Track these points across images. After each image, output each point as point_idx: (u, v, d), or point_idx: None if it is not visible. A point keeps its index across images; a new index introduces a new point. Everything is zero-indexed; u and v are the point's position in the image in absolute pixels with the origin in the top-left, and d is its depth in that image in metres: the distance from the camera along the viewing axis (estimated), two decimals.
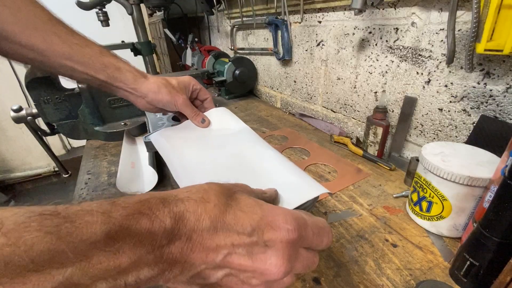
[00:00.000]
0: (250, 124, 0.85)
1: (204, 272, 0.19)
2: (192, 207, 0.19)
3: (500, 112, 0.43)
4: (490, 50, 0.37)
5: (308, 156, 0.65)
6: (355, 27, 0.64)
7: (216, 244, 0.19)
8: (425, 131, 0.55)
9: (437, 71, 0.50)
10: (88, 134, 0.75)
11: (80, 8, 0.99)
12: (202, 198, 0.20)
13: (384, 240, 0.40)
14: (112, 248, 0.15)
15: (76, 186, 0.57)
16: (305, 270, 0.23)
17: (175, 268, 0.18)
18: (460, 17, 0.44)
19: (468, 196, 0.36)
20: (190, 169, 0.35)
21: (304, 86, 0.88)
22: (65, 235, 0.14)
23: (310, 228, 0.22)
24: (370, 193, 0.51)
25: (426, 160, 0.39)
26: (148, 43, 1.21)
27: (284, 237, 0.20)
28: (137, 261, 0.16)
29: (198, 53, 1.28)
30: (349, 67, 0.69)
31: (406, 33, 0.53)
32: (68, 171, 0.87)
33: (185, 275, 0.19)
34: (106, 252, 0.15)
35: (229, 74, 1.05)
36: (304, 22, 0.79)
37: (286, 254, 0.20)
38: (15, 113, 0.68)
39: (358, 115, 0.71)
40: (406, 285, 0.33)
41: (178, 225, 0.18)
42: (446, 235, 0.40)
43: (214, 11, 1.27)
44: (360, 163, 0.61)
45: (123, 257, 0.15)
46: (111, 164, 0.64)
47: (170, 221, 0.17)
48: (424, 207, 0.41)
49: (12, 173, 2.21)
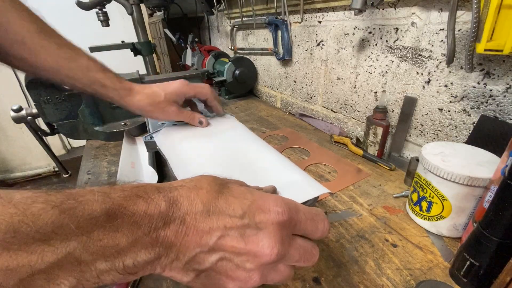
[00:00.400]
0: (250, 124, 0.86)
1: (198, 256, 0.19)
2: (185, 192, 0.20)
3: (500, 112, 0.43)
4: (490, 50, 0.37)
5: (308, 156, 0.65)
6: (355, 27, 0.64)
7: (209, 226, 0.19)
8: (425, 131, 0.55)
9: (437, 71, 0.50)
10: (88, 134, 0.75)
11: (80, 8, 0.99)
12: (195, 186, 0.21)
13: (384, 240, 0.40)
14: (111, 225, 0.16)
15: (76, 186, 0.57)
16: (302, 262, 0.23)
17: (171, 252, 0.19)
18: (460, 17, 0.44)
19: (468, 196, 0.36)
20: (191, 167, 0.36)
21: (304, 86, 0.88)
22: (69, 209, 0.15)
23: (303, 213, 0.22)
24: (370, 193, 0.51)
25: (426, 160, 0.39)
26: (148, 43, 1.21)
27: (274, 219, 0.21)
28: (135, 242, 0.17)
29: (198, 53, 1.28)
30: (349, 67, 0.69)
31: (406, 33, 0.53)
32: (68, 171, 0.87)
33: (181, 261, 0.19)
34: (105, 229, 0.16)
35: (229, 74, 1.05)
36: (304, 22, 0.79)
37: (278, 236, 0.20)
38: (15, 113, 0.68)
39: (358, 115, 0.71)
40: (406, 285, 0.33)
41: (173, 209, 0.19)
42: (446, 235, 0.40)
43: (214, 11, 1.27)
44: (360, 163, 0.61)
45: (122, 236, 0.16)
46: (111, 164, 0.64)
47: (165, 204, 0.18)
48: (424, 207, 0.41)
49: (12, 173, 2.21)
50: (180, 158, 0.37)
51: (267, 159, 0.37)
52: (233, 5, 1.11)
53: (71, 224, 0.15)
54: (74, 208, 0.15)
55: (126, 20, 1.45)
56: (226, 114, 0.55)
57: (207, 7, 1.20)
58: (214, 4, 1.16)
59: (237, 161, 0.37)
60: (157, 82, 0.80)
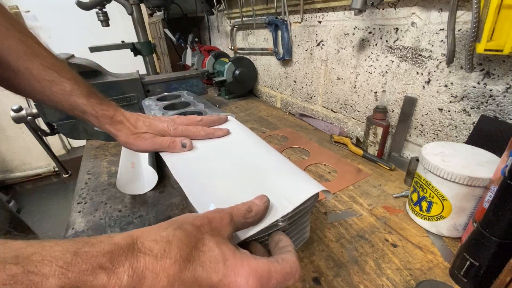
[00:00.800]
0: (250, 124, 0.86)
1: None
2: (151, 265, 0.19)
3: (500, 112, 0.43)
4: (490, 50, 0.37)
5: (308, 156, 0.65)
6: (355, 27, 0.64)
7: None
8: (425, 131, 0.55)
9: (437, 71, 0.50)
10: (88, 134, 0.75)
11: (80, 8, 0.99)
12: (163, 253, 0.20)
13: (384, 240, 0.40)
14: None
15: (76, 186, 0.57)
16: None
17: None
18: (460, 17, 0.44)
19: (468, 196, 0.36)
20: (192, 177, 0.35)
21: (304, 86, 0.88)
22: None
23: (275, 280, 0.22)
24: (370, 193, 0.51)
25: (426, 160, 0.39)
26: (148, 43, 1.21)
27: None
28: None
29: (198, 53, 1.28)
30: (349, 67, 0.69)
31: (406, 33, 0.53)
32: (68, 171, 0.87)
33: None
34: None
35: (229, 74, 1.05)
36: (304, 22, 0.79)
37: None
38: (15, 113, 0.68)
39: (358, 115, 0.71)
40: (406, 285, 0.33)
41: (135, 284, 0.18)
42: (446, 235, 0.40)
43: (214, 11, 1.27)
44: (360, 163, 0.61)
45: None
46: (111, 164, 0.64)
47: (127, 278, 0.18)
48: (424, 207, 0.41)
49: (12, 173, 2.21)
50: (188, 179, 0.36)
51: (267, 161, 0.37)
52: (233, 5, 1.11)
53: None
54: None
55: (126, 20, 1.45)
56: (226, 114, 0.54)
57: (207, 7, 1.20)
58: (214, 4, 1.16)
59: (239, 166, 0.36)
60: (157, 82, 0.81)
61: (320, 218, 0.45)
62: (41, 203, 2.04)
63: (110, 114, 0.42)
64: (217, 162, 0.38)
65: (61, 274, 0.16)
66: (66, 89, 0.39)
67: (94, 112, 0.41)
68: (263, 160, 0.37)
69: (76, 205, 0.51)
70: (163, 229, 0.21)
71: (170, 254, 0.20)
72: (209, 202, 0.29)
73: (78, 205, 0.50)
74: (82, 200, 0.52)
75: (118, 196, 0.52)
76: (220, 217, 0.24)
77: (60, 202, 2.04)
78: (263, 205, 0.27)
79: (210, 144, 0.42)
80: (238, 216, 0.25)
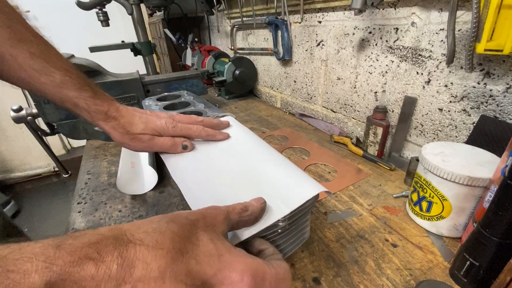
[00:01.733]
0: (250, 124, 0.86)
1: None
2: (142, 254, 0.18)
3: (500, 112, 0.43)
4: (490, 50, 0.37)
5: (308, 156, 0.65)
6: (355, 27, 0.64)
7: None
8: (425, 131, 0.55)
9: (437, 71, 0.50)
10: (88, 134, 0.75)
11: (80, 8, 0.99)
12: (156, 243, 0.19)
13: (384, 240, 0.40)
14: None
15: (76, 186, 0.57)
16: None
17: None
18: (460, 17, 0.44)
19: (468, 196, 0.36)
20: (191, 178, 0.35)
21: (304, 86, 0.88)
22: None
23: (269, 282, 0.21)
24: (370, 193, 0.51)
25: (426, 160, 0.39)
26: (148, 43, 1.21)
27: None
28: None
29: (198, 53, 1.28)
30: (349, 67, 0.69)
31: (406, 33, 0.53)
32: (68, 171, 0.87)
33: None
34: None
35: (229, 74, 1.05)
36: (304, 22, 0.79)
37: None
38: (15, 113, 0.68)
39: (358, 115, 0.71)
40: (406, 285, 0.33)
41: (124, 273, 0.17)
42: (446, 235, 0.40)
43: (214, 11, 1.27)
44: (360, 163, 0.61)
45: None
46: (111, 164, 0.64)
47: (117, 267, 0.17)
48: (424, 207, 0.41)
49: (12, 173, 2.21)
50: (187, 183, 0.36)
51: (267, 163, 0.37)
52: (233, 5, 1.11)
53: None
54: (7, 286, 0.14)
55: (126, 20, 1.45)
56: (226, 114, 0.54)
57: (207, 7, 1.20)
58: (214, 4, 1.16)
59: (237, 168, 0.36)
60: (157, 82, 0.81)
61: (320, 218, 0.45)
62: (41, 203, 2.04)
63: (104, 109, 0.39)
64: (216, 164, 0.38)
65: (45, 268, 0.15)
66: (56, 80, 0.36)
67: (86, 106, 0.38)
68: (263, 162, 0.37)
69: (76, 205, 0.51)
70: (155, 222, 0.21)
71: (162, 245, 0.19)
72: (206, 204, 0.29)
73: (78, 205, 0.50)
74: (82, 200, 0.52)
75: (118, 196, 0.52)
76: (215, 214, 0.24)
77: (60, 202, 2.04)
78: (259, 206, 0.27)
79: (209, 146, 0.42)
80: (233, 214, 0.25)
